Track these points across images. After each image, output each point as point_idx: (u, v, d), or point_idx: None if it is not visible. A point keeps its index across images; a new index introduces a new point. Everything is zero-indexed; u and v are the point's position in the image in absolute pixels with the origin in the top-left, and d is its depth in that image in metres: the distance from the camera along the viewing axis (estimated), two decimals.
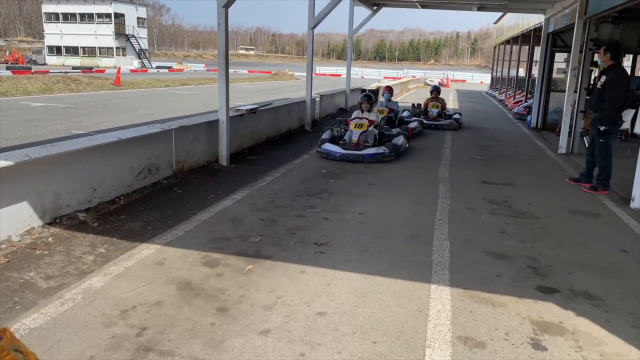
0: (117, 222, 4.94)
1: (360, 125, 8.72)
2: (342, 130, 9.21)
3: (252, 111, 9.07)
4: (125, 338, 2.92)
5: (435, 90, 13.68)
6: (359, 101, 9.56)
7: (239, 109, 8.75)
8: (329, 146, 8.50)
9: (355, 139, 8.56)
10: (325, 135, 9.12)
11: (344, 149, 8.39)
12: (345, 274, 3.89)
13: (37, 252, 4.09)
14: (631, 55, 14.96)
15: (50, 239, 4.38)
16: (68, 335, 2.92)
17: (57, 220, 4.74)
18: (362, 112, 9.20)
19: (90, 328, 3.01)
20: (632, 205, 6.08)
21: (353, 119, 9.00)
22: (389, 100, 11.95)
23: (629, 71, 13.71)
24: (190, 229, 4.81)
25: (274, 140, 10.11)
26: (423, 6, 15.41)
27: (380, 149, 8.34)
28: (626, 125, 9.18)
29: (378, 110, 10.95)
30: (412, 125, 11.33)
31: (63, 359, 2.73)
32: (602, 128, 6.58)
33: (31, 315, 3.12)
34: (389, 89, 12.33)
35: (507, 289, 3.75)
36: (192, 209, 5.42)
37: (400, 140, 9.04)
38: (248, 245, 4.44)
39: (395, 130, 10.44)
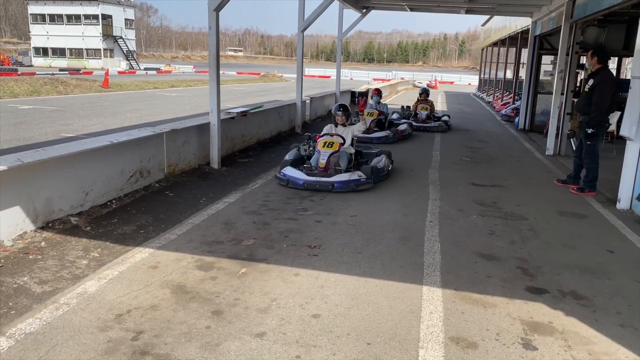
0: (110, 226, 4.95)
1: (331, 144, 6.89)
2: (311, 149, 7.30)
3: (243, 114, 9.09)
4: (121, 342, 2.94)
5: (424, 92, 13.81)
6: (333, 113, 7.58)
7: (229, 112, 8.76)
8: (289, 171, 6.71)
9: (322, 162, 6.75)
10: (289, 155, 7.22)
11: (308, 174, 6.64)
12: (338, 276, 3.94)
13: (30, 257, 4.08)
14: (616, 58, 15.19)
15: (43, 243, 4.38)
16: (64, 340, 2.93)
17: (50, 225, 4.74)
18: (337, 126, 7.39)
19: (86, 332, 3.02)
20: (618, 206, 6.19)
21: (322, 136, 7.19)
22: (378, 102, 12.03)
23: (614, 73, 13.92)
24: (183, 233, 4.82)
25: (264, 143, 10.13)
26: (412, 9, 15.52)
27: (355, 175, 6.65)
28: (612, 127, 9.32)
29: (368, 113, 10.32)
30: (402, 127, 11.46)
31: None
32: (589, 131, 6.69)
33: (26, 320, 3.13)
34: (378, 92, 12.42)
35: (498, 289, 3.82)
36: (184, 212, 5.44)
37: (381, 162, 7.26)
38: (241, 248, 4.47)
39: (380, 134, 10.48)
